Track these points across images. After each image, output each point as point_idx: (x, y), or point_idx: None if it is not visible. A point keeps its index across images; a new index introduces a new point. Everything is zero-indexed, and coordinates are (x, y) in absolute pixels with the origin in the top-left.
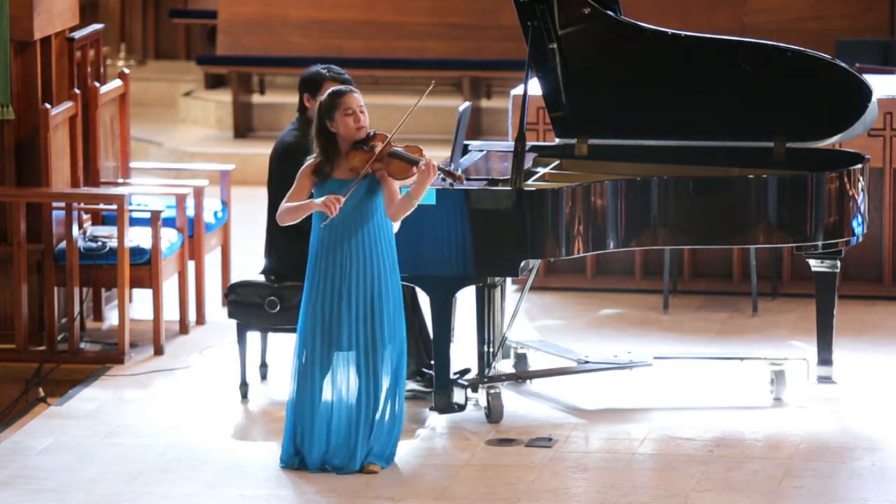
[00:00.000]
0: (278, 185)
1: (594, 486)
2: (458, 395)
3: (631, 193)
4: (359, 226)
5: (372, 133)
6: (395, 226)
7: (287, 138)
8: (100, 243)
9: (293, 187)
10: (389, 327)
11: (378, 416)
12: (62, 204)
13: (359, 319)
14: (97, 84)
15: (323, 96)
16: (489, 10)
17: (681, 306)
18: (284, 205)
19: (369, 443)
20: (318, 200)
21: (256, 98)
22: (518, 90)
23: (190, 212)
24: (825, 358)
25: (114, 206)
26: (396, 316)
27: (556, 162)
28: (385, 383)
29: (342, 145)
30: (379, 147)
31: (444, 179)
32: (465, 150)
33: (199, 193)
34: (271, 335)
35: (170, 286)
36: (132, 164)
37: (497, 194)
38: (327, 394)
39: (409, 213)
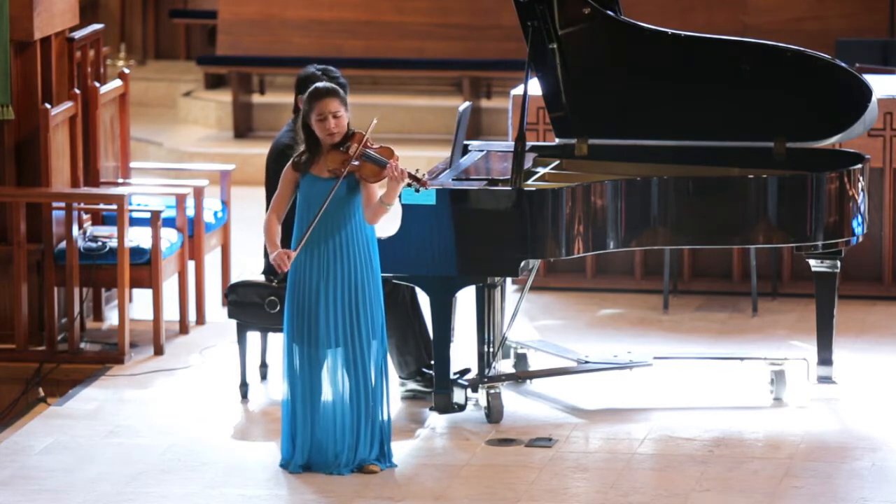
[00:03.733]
0: (274, 185)
1: (594, 486)
2: (458, 395)
3: (631, 193)
4: (339, 225)
5: (351, 133)
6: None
7: (283, 139)
8: (100, 243)
9: (277, 191)
10: (371, 324)
11: (380, 417)
12: (62, 204)
13: (338, 317)
14: (97, 84)
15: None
16: (489, 10)
17: (681, 306)
18: (266, 227)
19: (370, 444)
20: (271, 256)
21: (256, 98)
22: (518, 90)
23: (190, 212)
24: (825, 358)
25: (114, 206)
26: (377, 314)
27: (556, 162)
28: (374, 382)
29: (323, 143)
30: (353, 149)
31: (409, 185)
32: (465, 150)
33: (199, 193)
34: (271, 335)
35: (170, 286)
36: (132, 164)
37: (497, 194)
38: (317, 392)
39: (384, 216)
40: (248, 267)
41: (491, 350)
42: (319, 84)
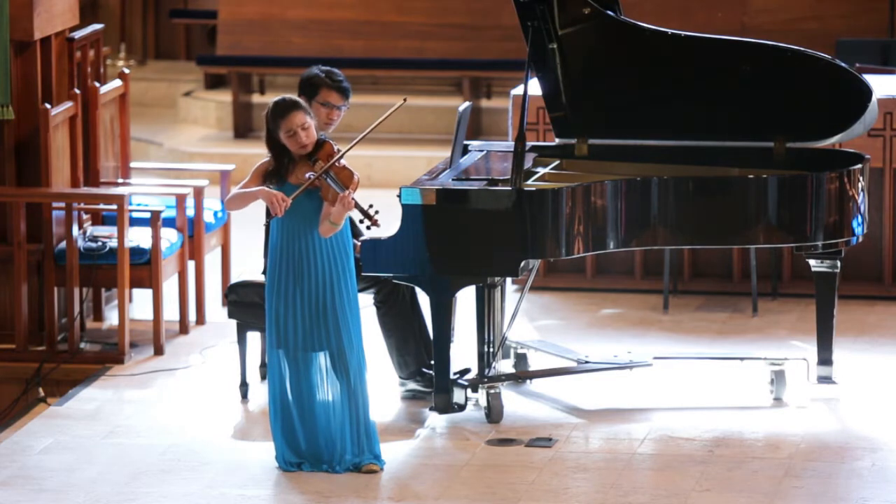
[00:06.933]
0: None
1: (594, 486)
2: (458, 395)
3: (631, 193)
4: (312, 230)
5: (322, 141)
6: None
7: None
8: (100, 243)
9: (245, 180)
10: (347, 326)
11: (365, 418)
12: (62, 204)
13: (314, 320)
14: (97, 84)
15: (269, 107)
16: (489, 10)
17: (681, 306)
18: (234, 191)
19: (356, 446)
20: (266, 193)
21: (256, 98)
22: (518, 90)
23: (190, 212)
24: (825, 358)
25: (114, 206)
26: (352, 316)
27: (556, 162)
28: (355, 384)
29: (294, 153)
30: (319, 166)
31: (361, 221)
32: (465, 150)
33: (199, 193)
34: None
35: (170, 286)
36: (132, 164)
37: (497, 194)
38: (308, 395)
39: (334, 232)
40: (248, 267)
41: (491, 350)
42: (279, 99)
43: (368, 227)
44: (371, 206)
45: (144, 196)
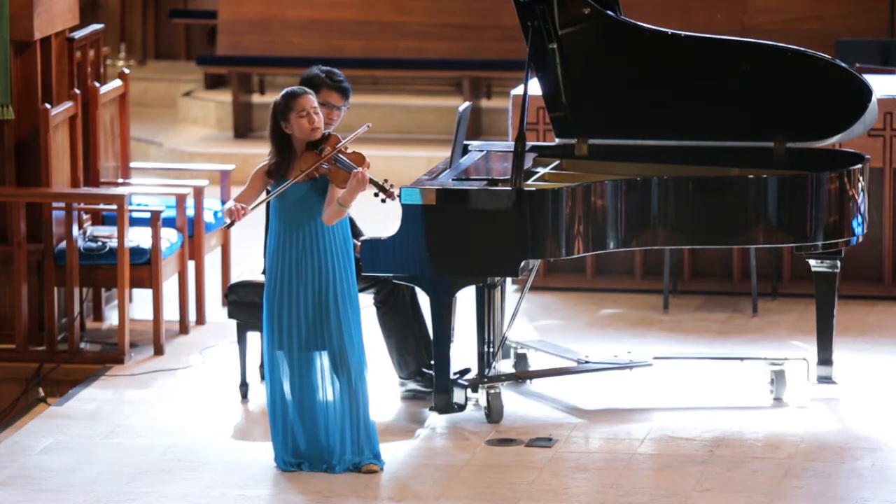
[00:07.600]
0: None
1: (594, 486)
2: (458, 395)
3: (631, 193)
4: (314, 225)
5: (326, 134)
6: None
7: None
8: (100, 243)
9: (245, 186)
10: (348, 324)
11: (365, 418)
12: (62, 204)
13: (318, 317)
14: (97, 84)
15: (278, 97)
16: (489, 10)
17: (681, 306)
18: (230, 202)
19: (365, 445)
20: (224, 207)
21: (256, 98)
22: (518, 90)
23: (190, 212)
24: (825, 358)
25: (114, 206)
26: (353, 314)
27: (556, 162)
28: (355, 383)
29: (297, 147)
30: (327, 151)
31: (375, 195)
32: (465, 150)
33: (199, 193)
34: None
35: (170, 286)
36: (132, 164)
37: (497, 194)
38: (308, 394)
39: (340, 218)
40: (248, 267)
41: (491, 350)
42: (291, 87)
43: (384, 201)
44: (386, 180)
45: (144, 196)
